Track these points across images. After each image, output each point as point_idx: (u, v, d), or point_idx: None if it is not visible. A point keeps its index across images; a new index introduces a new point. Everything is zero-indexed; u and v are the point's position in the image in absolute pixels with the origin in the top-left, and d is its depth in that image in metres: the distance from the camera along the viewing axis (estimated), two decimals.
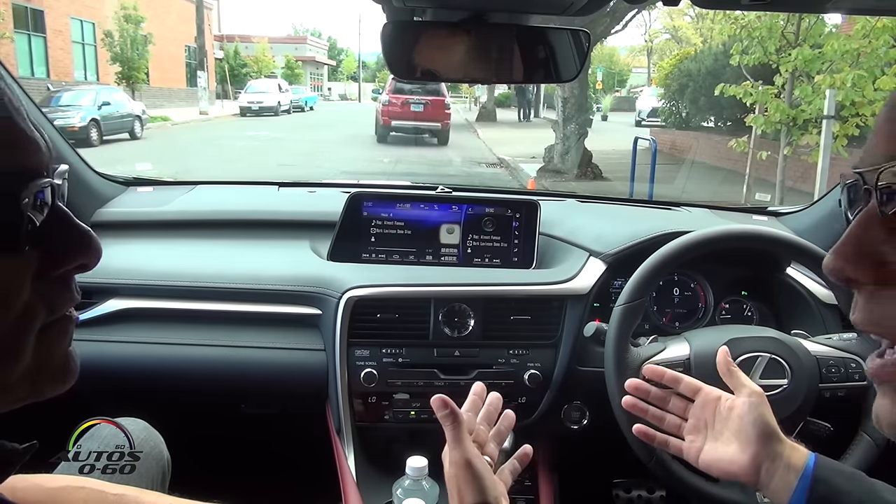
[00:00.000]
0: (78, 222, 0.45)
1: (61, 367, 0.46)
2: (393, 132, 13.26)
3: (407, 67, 0.88)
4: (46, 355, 0.44)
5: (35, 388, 0.44)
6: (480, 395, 0.86)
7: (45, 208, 0.43)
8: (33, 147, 0.43)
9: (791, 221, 1.60)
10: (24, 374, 0.43)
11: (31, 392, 0.44)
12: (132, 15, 17.70)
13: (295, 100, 24.84)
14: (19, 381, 0.43)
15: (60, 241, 0.44)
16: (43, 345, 0.43)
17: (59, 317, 0.45)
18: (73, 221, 0.45)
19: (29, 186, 0.41)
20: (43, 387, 0.45)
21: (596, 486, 1.58)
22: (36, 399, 0.45)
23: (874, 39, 5.04)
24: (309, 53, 44.38)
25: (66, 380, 0.46)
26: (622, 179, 8.50)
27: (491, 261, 1.41)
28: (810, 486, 0.74)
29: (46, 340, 0.44)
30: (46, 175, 0.43)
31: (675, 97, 12.79)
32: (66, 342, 0.46)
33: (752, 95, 5.83)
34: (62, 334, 0.46)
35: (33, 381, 0.44)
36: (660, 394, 0.92)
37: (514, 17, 0.87)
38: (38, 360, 0.43)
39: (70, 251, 0.45)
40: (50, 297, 0.44)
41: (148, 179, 1.74)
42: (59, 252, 0.44)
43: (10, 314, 0.41)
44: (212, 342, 1.26)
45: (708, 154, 10.96)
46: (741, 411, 0.82)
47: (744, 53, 6.11)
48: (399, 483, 1.01)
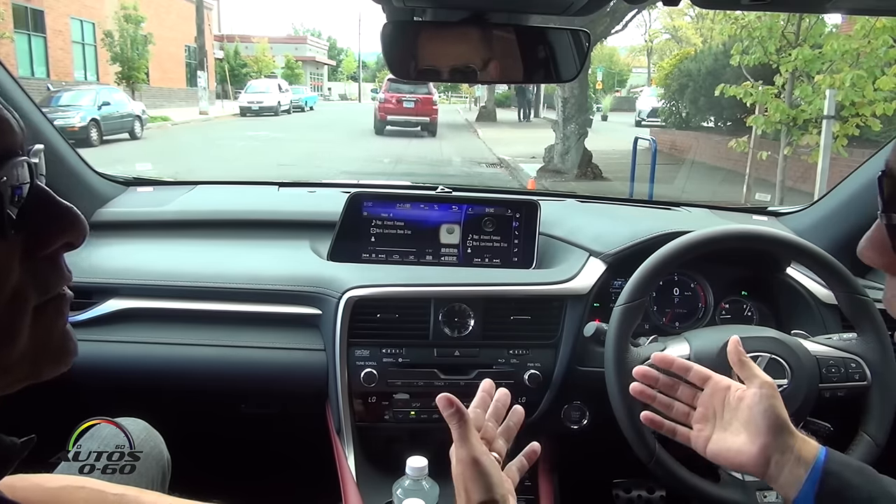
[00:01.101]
0: (59, 200, 0.44)
1: (59, 347, 0.46)
2: (388, 126, 15.17)
3: (407, 67, 0.88)
4: (43, 335, 0.44)
5: (34, 368, 0.44)
6: (489, 391, 0.85)
7: (24, 187, 0.42)
8: (5, 126, 0.42)
9: (791, 221, 1.60)
10: (23, 356, 0.42)
11: (31, 373, 0.44)
12: (132, 15, 17.70)
13: (295, 100, 24.84)
14: (18, 363, 0.42)
15: (43, 220, 0.43)
16: (39, 325, 0.43)
17: (52, 296, 0.44)
18: (54, 199, 0.44)
19: (5, 166, 0.40)
20: (42, 367, 0.44)
21: (596, 486, 1.58)
22: (35, 380, 0.44)
23: (874, 39, 5.03)
24: (309, 53, 44.39)
25: (65, 359, 0.46)
26: (622, 179, 8.50)
27: (491, 261, 1.41)
28: (820, 478, 0.73)
29: (42, 321, 0.43)
30: (22, 154, 0.43)
31: (675, 97, 12.79)
32: (62, 321, 0.46)
33: (752, 95, 5.82)
34: (57, 314, 0.45)
35: (32, 361, 0.43)
36: (668, 381, 0.91)
37: (514, 17, 0.87)
38: (35, 341, 0.43)
39: (54, 230, 0.44)
40: (40, 277, 0.43)
41: (148, 179, 1.74)
42: (44, 232, 0.43)
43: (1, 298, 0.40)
44: (212, 342, 1.26)
45: (708, 154, 10.97)
46: (751, 402, 0.81)
47: (744, 53, 6.11)
48: (399, 483, 1.01)
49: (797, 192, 6.64)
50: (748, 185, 6.51)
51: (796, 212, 1.63)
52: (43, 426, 0.64)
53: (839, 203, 1.46)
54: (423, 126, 15.16)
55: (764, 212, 1.72)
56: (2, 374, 0.42)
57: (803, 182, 6.70)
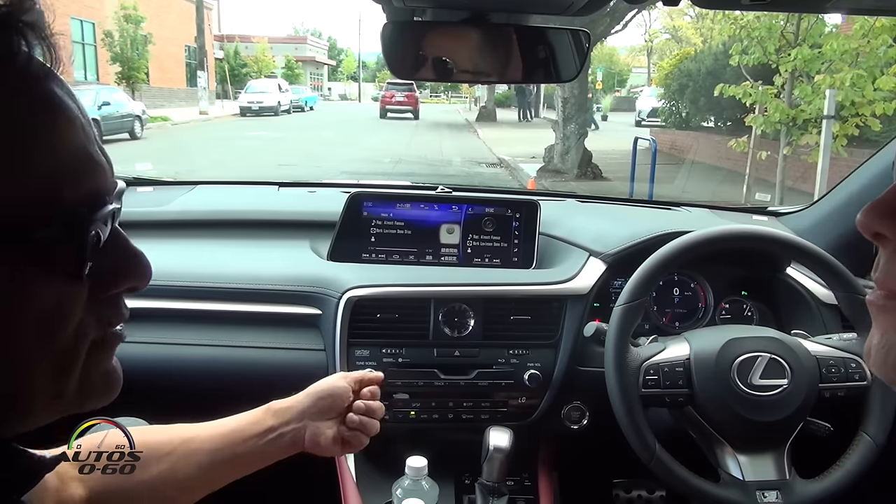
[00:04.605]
0: (132, 245, 0.45)
1: (106, 381, 0.46)
2: (389, 113, 22.35)
3: (407, 67, 0.88)
4: (94, 370, 0.45)
5: (82, 399, 0.45)
6: None
7: (106, 232, 0.43)
8: (100, 172, 0.43)
9: (791, 221, 1.60)
10: (74, 388, 0.43)
11: (79, 403, 0.45)
12: (132, 15, 17.69)
13: (295, 100, 24.84)
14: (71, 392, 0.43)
15: (115, 264, 0.44)
16: (92, 359, 0.44)
17: (107, 334, 0.45)
18: (128, 244, 0.45)
19: (97, 216, 0.41)
20: (89, 398, 0.45)
21: (596, 486, 1.58)
22: (80, 410, 0.45)
23: (873, 39, 5.03)
24: (309, 53, 44.36)
25: (110, 393, 0.47)
26: (622, 179, 8.50)
27: (491, 261, 1.41)
28: None
29: (95, 355, 0.44)
30: (109, 199, 0.43)
31: (675, 97, 12.79)
32: (111, 358, 0.47)
33: (751, 95, 5.82)
34: (108, 350, 0.46)
35: (81, 392, 0.44)
36: None
37: (514, 18, 0.87)
38: (86, 374, 0.44)
39: (122, 274, 0.45)
40: (101, 315, 0.44)
41: (148, 179, 1.74)
42: (113, 275, 0.44)
43: (67, 335, 0.41)
44: (212, 342, 1.26)
45: (708, 154, 10.96)
46: None
47: (743, 53, 6.10)
48: (399, 483, 1.01)
49: (797, 192, 6.64)
50: (748, 185, 6.51)
51: (796, 212, 1.63)
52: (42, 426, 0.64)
53: (839, 203, 1.46)
54: (410, 112, 22.58)
55: (764, 212, 1.72)
56: (56, 402, 0.43)
57: (803, 182, 6.70)
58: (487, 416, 1.24)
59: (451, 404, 1.24)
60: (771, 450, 1.04)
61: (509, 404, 1.25)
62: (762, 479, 1.02)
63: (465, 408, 1.24)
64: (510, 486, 1.17)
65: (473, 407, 1.24)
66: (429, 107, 31.52)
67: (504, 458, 1.07)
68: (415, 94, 22.76)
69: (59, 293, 0.40)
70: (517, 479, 1.26)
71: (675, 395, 1.06)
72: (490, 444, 1.08)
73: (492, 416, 1.24)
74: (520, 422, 1.24)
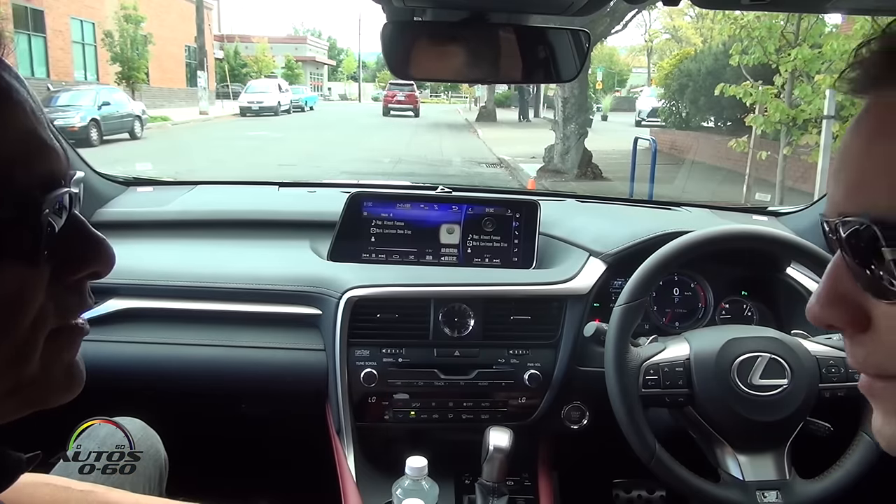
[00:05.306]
0: (92, 230, 0.45)
1: (69, 376, 0.46)
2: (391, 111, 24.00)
3: (407, 67, 0.88)
4: (54, 362, 0.44)
5: (42, 394, 0.44)
6: None
7: (63, 215, 0.43)
8: (53, 156, 0.42)
9: (791, 221, 1.60)
10: (32, 380, 0.43)
11: (39, 399, 0.44)
12: (132, 15, 17.68)
13: (295, 100, 24.86)
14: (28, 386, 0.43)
15: (75, 249, 0.44)
16: (50, 350, 0.43)
17: (68, 324, 0.45)
18: (88, 229, 0.45)
19: (50, 196, 0.41)
20: (49, 393, 0.45)
21: (596, 486, 1.58)
22: (43, 407, 0.45)
23: None
24: (309, 53, 44.36)
25: (72, 389, 0.46)
26: (622, 179, 8.50)
27: (491, 261, 1.41)
28: None
29: (54, 346, 0.43)
30: (65, 183, 0.43)
31: (675, 97, 12.79)
32: (73, 351, 0.46)
33: (751, 95, 5.83)
34: (70, 342, 0.46)
35: (41, 386, 0.43)
36: None
37: (514, 17, 0.87)
38: (45, 365, 0.43)
39: (84, 259, 0.44)
40: (62, 302, 0.43)
41: (148, 179, 1.74)
42: (74, 260, 0.44)
43: (24, 321, 0.41)
44: (211, 342, 1.26)
45: (708, 154, 10.96)
46: None
47: (743, 53, 6.11)
48: (399, 483, 1.01)
49: (797, 192, 6.64)
50: (748, 185, 6.52)
51: (796, 212, 1.63)
52: (42, 426, 0.64)
53: None
54: (411, 110, 24.24)
55: (764, 212, 1.72)
56: (11, 396, 0.42)
57: (803, 182, 6.70)
58: (487, 416, 1.24)
59: (451, 404, 1.24)
60: (771, 450, 1.04)
61: (509, 404, 1.25)
62: (762, 479, 1.02)
63: (465, 408, 1.24)
64: (510, 486, 1.17)
65: (473, 407, 1.24)
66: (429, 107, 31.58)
67: (504, 458, 1.07)
68: (415, 94, 24.64)
69: (16, 278, 0.39)
70: (517, 479, 1.26)
71: (675, 395, 1.06)
72: (490, 444, 1.08)
73: (492, 416, 1.24)
74: (520, 422, 1.24)
